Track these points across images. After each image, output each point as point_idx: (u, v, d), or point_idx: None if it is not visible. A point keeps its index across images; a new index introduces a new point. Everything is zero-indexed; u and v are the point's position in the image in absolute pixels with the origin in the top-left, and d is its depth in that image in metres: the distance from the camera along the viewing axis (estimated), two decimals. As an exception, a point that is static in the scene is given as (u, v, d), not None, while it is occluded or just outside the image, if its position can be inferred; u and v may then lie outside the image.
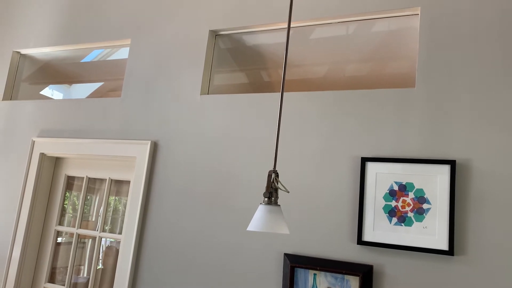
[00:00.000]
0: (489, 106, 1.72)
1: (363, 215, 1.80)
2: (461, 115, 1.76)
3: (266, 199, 1.43)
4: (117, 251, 2.53)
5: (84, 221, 2.66)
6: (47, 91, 3.12)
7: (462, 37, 1.82)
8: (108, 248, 2.58)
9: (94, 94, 2.92)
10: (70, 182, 2.77)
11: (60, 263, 2.67)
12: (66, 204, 2.74)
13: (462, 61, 1.80)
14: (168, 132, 2.37)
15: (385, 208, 1.78)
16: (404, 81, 1.98)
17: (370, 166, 1.84)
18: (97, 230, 2.57)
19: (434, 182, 1.71)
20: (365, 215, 1.80)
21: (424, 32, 1.90)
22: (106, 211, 2.58)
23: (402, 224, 1.74)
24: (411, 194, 1.75)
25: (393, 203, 1.77)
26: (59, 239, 2.71)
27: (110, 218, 2.58)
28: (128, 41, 2.69)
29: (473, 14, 1.83)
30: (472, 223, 1.66)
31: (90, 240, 2.65)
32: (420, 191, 1.73)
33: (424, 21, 1.91)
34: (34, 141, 2.76)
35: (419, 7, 1.93)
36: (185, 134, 2.32)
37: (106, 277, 2.53)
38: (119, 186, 2.60)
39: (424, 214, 1.71)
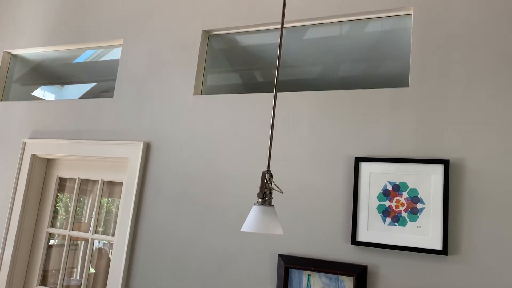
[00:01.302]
0: (482, 106, 1.73)
1: (357, 215, 1.80)
2: (455, 115, 1.76)
3: (260, 199, 1.42)
4: (106, 253, 2.51)
5: (76, 223, 2.63)
6: (38, 92, 3.09)
7: (455, 37, 1.83)
8: (100, 250, 2.56)
9: (87, 95, 2.90)
10: (62, 183, 2.74)
11: (52, 265, 2.64)
12: (58, 206, 2.71)
13: (455, 60, 1.81)
14: (161, 132, 2.35)
15: (379, 208, 1.78)
16: (397, 81, 1.98)
17: (364, 166, 1.83)
18: (90, 232, 2.55)
19: (428, 182, 1.71)
20: (359, 215, 1.80)
21: (417, 31, 1.90)
22: (98, 212, 2.56)
23: (396, 224, 1.74)
24: (405, 194, 1.75)
25: (387, 203, 1.77)
26: (51, 241, 2.68)
27: (103, 219, 2.56)
28: (121, 41, 2.67)
29: (466, 14, 1.83)
30: (466, 222, 1.66)
31: (83, 242, 2.62)
32: (414, 191, 1.73)
33: (417, 21, 1.91)
34: (25, 142, 2.73)
35: (412, 7, 1.94)
36: (178, 134, 2.30)
37: (98, 279, 2.50)
38: (112, 187, 2.58)
39: (418, 214, 1.71)
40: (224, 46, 2.43)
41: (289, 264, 1.86)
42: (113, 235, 2.49)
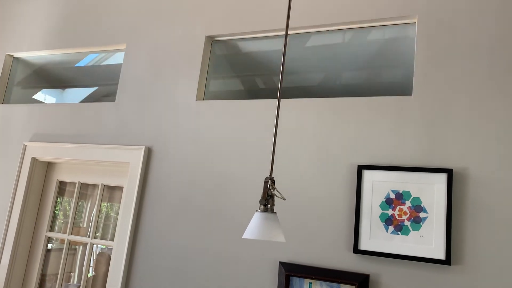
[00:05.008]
0: (486, 115, 1.72)
1: (359, 223, 1.79)
2: (458, 124, 1.75)
3: (262, 206, 1.41)
4: (109, 258, 2.49)
5: (75, 227, 2.61)
6: (40, 96, 3.09)
7: (459, 46, 1.83)
8: (99, 255, 2.54)
9: (88, 99, 2.89)
10: (62, 187, 2.73)
11: (50, 270, 2.62)
12: (57, 210, 2.70)
13: (459, 69, 1.80)
14: (162, 137, 2.34)
15: (381, 216, 1.76)
16: (400, 89, 1.97)
17: (367, 174, 1.82)
18: (89, 237, 2.53)
19: (431, 191, 1.70)
20: (362, 224, 1.79)
21: (421, 40, 1.90)
22: (98, 217, 2.54)
23: (399, 233, 1.72)
24: (408, 203, 1.74)
25: (390, 212, 1.76)
26: (50, 246, 2.66)
27: (101, 224, 2.54)
28: (124, 46, 2.67)
29: (470, 22, 1.83)
30: (469, 232, 1.65)
31: (81, 246, 2.60)
32: (417, 199, 1.72)
33: (421, 30, 1.91)
34: (26, 145, 2.72)
35: (417, 16, 1.94)
36: (180, 140, 2.29)
37: (97, 284, 2.48)
38: (112, 192, 2.57)
39: (421, 223, 1.70)
40: (227, 52, 2.43)
41: (290, 272, 1.85)
42: (111, 239, 2.47)
